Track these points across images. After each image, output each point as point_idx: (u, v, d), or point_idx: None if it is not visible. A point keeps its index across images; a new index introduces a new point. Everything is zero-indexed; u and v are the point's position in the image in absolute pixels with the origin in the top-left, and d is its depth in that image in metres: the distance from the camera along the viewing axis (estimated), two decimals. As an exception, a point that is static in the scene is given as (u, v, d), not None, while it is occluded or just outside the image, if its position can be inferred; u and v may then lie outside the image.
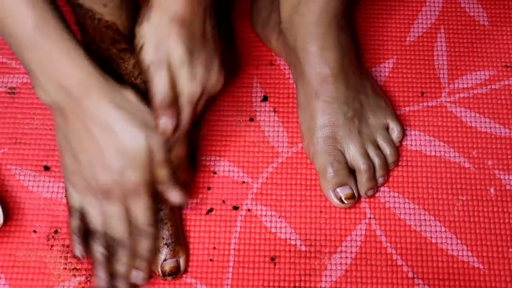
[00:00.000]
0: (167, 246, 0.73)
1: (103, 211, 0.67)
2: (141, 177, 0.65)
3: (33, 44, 0.61)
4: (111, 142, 0.64)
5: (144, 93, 0.68)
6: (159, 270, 0.72)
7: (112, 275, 0.68)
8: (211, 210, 0.77)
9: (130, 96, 0.65)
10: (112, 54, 0.72)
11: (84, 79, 0.63)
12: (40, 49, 0.61)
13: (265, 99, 0.83)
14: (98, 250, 0.68)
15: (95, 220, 0.68)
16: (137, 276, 0.69)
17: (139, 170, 0.65)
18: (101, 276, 0.68)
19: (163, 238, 0.73)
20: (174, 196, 0.67)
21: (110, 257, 0.68)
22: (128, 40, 0.71)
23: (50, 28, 0.61)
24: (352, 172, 0.77)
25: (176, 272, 0.73)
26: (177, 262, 0.73)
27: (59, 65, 0.62)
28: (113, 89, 0.64)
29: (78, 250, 0.69)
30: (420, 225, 0.77)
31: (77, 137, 0.65)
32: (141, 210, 0.67)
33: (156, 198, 0.68)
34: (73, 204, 0.69)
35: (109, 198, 0.66)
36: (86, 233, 0.69)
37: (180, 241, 0.74)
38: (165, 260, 0.73)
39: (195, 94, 0.67)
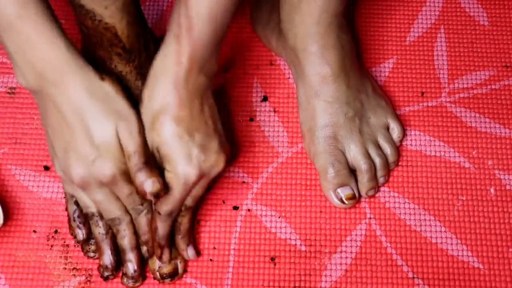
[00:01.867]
0: (165, 249, 0.72)
1: (89, 198, 0.69)
2: (114, 167, 0.65)
3: (14, 28, 0.61)
4: (83, 131, 0.64)
5: (133, 96, 0.69)
6: (157, 272, 0.72)
7: (118, 252, 0.71)
8: (211, 210, 0.77)
9: (106, 86, 0.65)
10: (110, 55, 0.72)
11: (60, 66, 0.63)
12: (20, 34, 0.61)
13: (265, 99, 0.83)
14: (98, 231, 0.71)
15: (87, 205, 0.70)
16: (157, 252, 0.71)
17: (111, 161, 0.65)
18: (105, 254, 0.71)
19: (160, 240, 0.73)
20: (148, 186, 0.66)
21: (114, 236, 0.71)
22: (124, 47, 0.71)
23: (31, 13, 0.61)
24: (352, 172, 0.77)
25: (174, 275, 0.73)
26: (175, 264, 0.73)
27: (37, 50, 0.62)
28: (89, 77, 0.64)
29: (79, 233, 0.72)
30: (420, 225, 0.77)
31: (53, 124, 0.66)
32: (123, 197, 0.68)
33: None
34: (66, 190, 0.71)
35: (88, 188, 0.67)
36: (86, 217, 0.71)
37: None
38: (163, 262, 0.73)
39: (189, 175, 0.66)
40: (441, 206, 0.78)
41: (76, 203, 0.72)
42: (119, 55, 0.72)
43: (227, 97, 0.83)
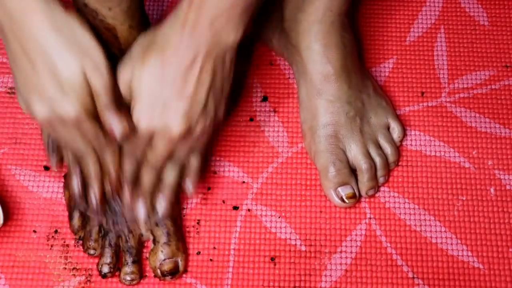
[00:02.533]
0: (166, 246, 0.73)
1: (55, 135, 0.68)
2: (79, 106, 0.63)
3: None
4: (46, 69, 0.62)
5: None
6: (158, 270, 0.72)
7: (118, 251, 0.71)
8: (211, 210, 0.77)
9: (71, 20, 0.62)
10: (110, 53, 0.72)
11: (25, 2, 0.61)
12: None
13: (265, 99, 0.83)
14: (69, 158, 0.70)
15: (55, 137, 0.69)
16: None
17: (76, 100, 0.63)
18: (73, 180, 0.70)
19: (162, 238, 0.73)
20: (116, 126, 0.64)
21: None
22: (121, 48, 0.71)
23: None
24: (353, 171, 0.77)
25: (175, 272, 0.73)
26: (176, 262, 0.73)
27: None
28: (55, 12, 0.62)
29: (53, 161, 0.71)
30: (420, 225, 0.77)
31: (16, 60, 0.64)
32: (90, 137, 0.66)
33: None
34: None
35: (52, 128, 0.65)
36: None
37: (179, 241, 0.74)
38: (164, 260, 0.72)
39: (145, 124, 0.65)
40: (441, 206, 0.78)
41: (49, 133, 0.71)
42: (113, 54, 0.72)
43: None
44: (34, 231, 0.76)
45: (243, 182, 0.79)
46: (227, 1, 0.61)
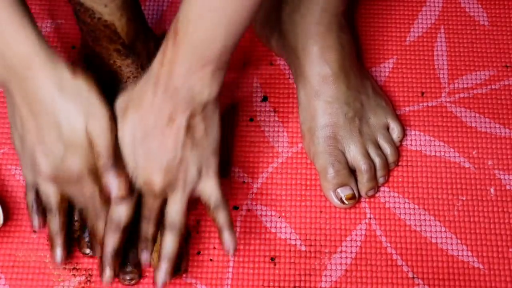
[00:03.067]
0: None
1: (57, 190, 0.68)
2: (81, 164, 0.64)
3: None
4: (51, 127, 0.63)
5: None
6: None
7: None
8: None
9: (78, 81, 0.63)
10: (109, 51, 0.72)
11: (30, 58, 0.61)
12: None
13: (265, 99, 0.83)
14: (53, 226, 0.69)
15: (48, 196, 0.68)
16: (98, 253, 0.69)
17: (79, 158, 0.64)
18: (56, 247, 0.69)
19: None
20: (114, 187, 0.65)
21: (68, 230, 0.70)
22: (124, 43, 0.71)
23: (2, 6, 0.59)
24: (352, 172, 0.77)
25: (175, 272, 0.73)
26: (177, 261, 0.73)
27: (6, 41, 0.61)
28: (61, 73, 0.63)
29: (36, 222, 0.70)
30: (420, 225, 0.77)
31: (21, 119, 0.65)
32: (89, 194, 0.66)
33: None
34: (28, 179, 0.69)
35: (54, 183, 0.66)
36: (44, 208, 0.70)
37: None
38: None
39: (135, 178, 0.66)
40: (441, 206, 0.78)
41: (37, 192, 0.70)
42: (118, 51, 0.72)
43: (227, 97, 0.83)
44: (34, 231, 0.76)
45: (243, 182, 0.79)
46: (198, 61, 0.61)
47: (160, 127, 0.64)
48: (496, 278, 0.74)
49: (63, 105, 0.63)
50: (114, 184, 0.65)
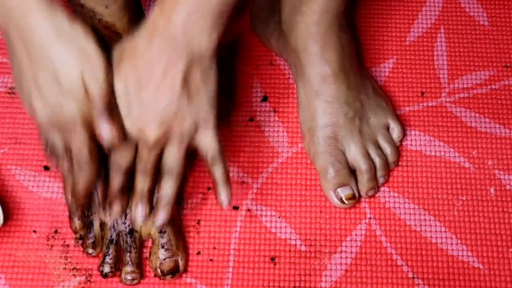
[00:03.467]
0: (166, 245, 0.73)
1: (49, 138, 0.67)
2: (76, 111, 0.63)
3: None
4: (47, 72, 0.63)
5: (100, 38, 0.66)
6: (158, 269, 0.72)
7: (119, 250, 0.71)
8: (211, 210, 0.77)
9: (76, 26, 0.63)
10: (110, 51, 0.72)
11: (28, 4, 0.61)
12: None
13: (265, 99, 0.83)
14: (62, 166, 0.69)
15: (53, 145, 0.68)
16: (72, 207, 0.70)
17: (74, 105, 0.63)
18: (68, 185, 0.70)
19: (162, 237, 0.73)
20: (105, 132, 0.64)
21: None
22: None
23: None
24: (352, 172, 0.77)
25: (175, 272, 0.73)
26: (176, 261, 0.73)
27: None
28: (58, 17, 0.62)
29: (52, 161, 0.70)
30: (420, 225, 0.77)
31: (18, 60, 0.64)
32: (77, 145, 0.65)
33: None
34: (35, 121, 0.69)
35: (49, 129, 0.66)
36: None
37: (179, 241, 0.74)
38: (164, 259, 0.72)
39: (128, 129, 0.65)
40: (441, 206, 0.78)
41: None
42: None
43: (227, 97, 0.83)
44: (34, 231, 0.76)
45: (243, 182, 0.79)
46: (198, 11, 0.60)
47: (155, 77, 0.63)
48: (496, 278, 0.74)
49: (59, 51, 0.62)
50: (106, 130, 0.64)
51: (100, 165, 0.69)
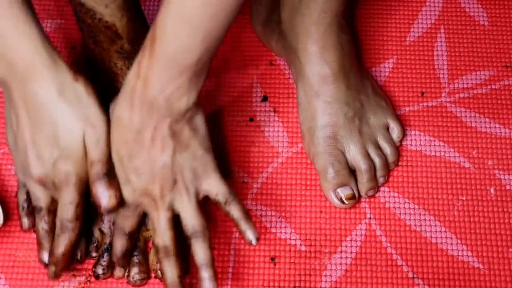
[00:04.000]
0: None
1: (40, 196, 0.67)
2: (72, 171, 0.64)
3: None
4: (47, 129, 0.63)
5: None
6: (159, 271, 0.72)
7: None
8: (211, 210, 0.77)
9: (79, 87, 0.63)
10: (110, 53, 0.72)
11: (32, 62, 0.61)
12: None
13: (265, 99, 0.83)
14: (42, 226, 0.68)
15: (37, 197, 0.68)
16: (50, 270, 0.67)
17: (71, 164, 0.63)
18: (44, 249, 0.69)
19: None
20: (104, 198, 0.64)
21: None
22: (125, 44, 0.71)
23: (5, 5, 0.59)
24: (352, 172, 0.77)
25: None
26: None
27: (10, 43, 0.61)
28: (62, 75, 0.62)
29: (25, 223, 0.71)
30: (420, 225, 0.77)
31: (17, 118, 0.64)
32: (65, 204, 0.65)
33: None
34: (20, 178, 0.69)
35: (37, 186, 0.66)
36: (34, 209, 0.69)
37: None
38: None
39: (126, 197, 0.66)
40: (441, 206, 0.78)
41: (27, 193, 0.70)
42: (119, 52, 0.72)
43: (227, 97, 0.83)
44: (34, 231, 0.76)
45: (243, 182, 0.79)
46: (175, 69, 0.59)
47: (144, 144, 0.63)
48: (496, 278, 0.74)
49: (62, 109, 0.62)
50: (104, 194, 0.64)
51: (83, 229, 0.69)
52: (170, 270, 0.67)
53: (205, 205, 0.77)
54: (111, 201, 0.64)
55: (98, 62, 0.73)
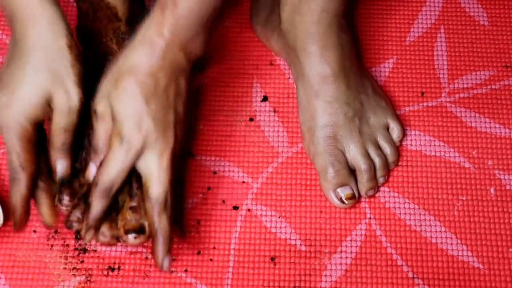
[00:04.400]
0: (134, 208, 0.69)
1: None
2: (22, 121, 0.64)
3: None
4: (16, 73, 0.64)
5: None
6: (121, 229, 0.68)
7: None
8: (211, 210, 0.77)
9: (69, 52, 0.65)
10: (107, 29, 0.73)
11: (35, 10, 0.63)
12: None
13: (265, 99, 0.83)
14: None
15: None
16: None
17: (23, 115, 0.64)
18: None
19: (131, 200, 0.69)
20: (60, 166, 0.66)
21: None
22: (122, 25, 0.72)
23: None
24: (352, 172, 0.77)
25: (139, 231, 0.67)
26: (142, 224, 0.68)
27: None
28: (57, 34, 0.64)
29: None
30: (420, 225, 0.77)
31: (9, 46, 0.67)
32: (8, 152, 0.66)
33: None
34: None
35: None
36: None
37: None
38: (130, 220, 0.68)
39: (133, 140, 0.65)
40: (441, 206, 0.78)
41: None
42: (116, 30, 0.73)
43: (227, 97, 0.83)
44: (34, 231, 0.76)
45: (243, 182, 0.79)
46: (195, 21, 0.63)
47: (160, 94, 0.65)
48: (496, 278, 0.74)
49: (38, 62, 0.64)
50: (61, 163, 0.67)
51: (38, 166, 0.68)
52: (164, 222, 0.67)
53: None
54: (66, 173, 0.67)
55: (93, 40, 0.74)
